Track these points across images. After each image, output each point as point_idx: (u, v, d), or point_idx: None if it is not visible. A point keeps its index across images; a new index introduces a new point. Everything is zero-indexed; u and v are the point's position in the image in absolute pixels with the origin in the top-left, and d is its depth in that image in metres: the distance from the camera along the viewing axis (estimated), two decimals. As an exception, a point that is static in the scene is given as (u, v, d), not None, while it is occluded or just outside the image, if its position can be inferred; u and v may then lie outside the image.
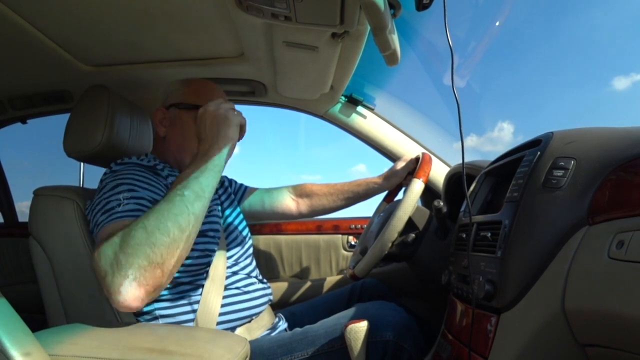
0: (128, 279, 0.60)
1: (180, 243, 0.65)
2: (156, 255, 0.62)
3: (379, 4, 0.59)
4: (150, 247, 0.61)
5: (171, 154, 0.95)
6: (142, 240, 0.62)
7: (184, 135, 0.93)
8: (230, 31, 0.95)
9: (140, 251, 0.61)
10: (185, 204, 0.67)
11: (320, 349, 0.80)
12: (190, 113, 0.92)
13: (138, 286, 0.60)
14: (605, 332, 0.49)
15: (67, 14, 0.87)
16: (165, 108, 0.95)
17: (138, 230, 0.62)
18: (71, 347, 0.55)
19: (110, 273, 0.60)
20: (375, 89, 1.41)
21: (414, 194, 0.89)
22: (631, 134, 0.58)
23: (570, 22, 3.55)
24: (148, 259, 0.61)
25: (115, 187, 0.75)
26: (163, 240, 0.63)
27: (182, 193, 0.68)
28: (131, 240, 0.61)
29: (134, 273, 0.60)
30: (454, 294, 0.79)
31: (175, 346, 0.58)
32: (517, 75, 2.40)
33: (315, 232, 1.55)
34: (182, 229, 0.65)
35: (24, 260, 1.63)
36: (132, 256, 0.60)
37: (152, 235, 0.62)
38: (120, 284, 0.59)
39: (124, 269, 0.60)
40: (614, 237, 0.48)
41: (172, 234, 0.64)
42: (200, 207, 0.69)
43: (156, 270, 0.62)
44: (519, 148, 0.76)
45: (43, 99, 1.28)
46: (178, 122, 0.93)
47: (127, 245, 0.61)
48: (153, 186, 0.79)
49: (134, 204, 0.72)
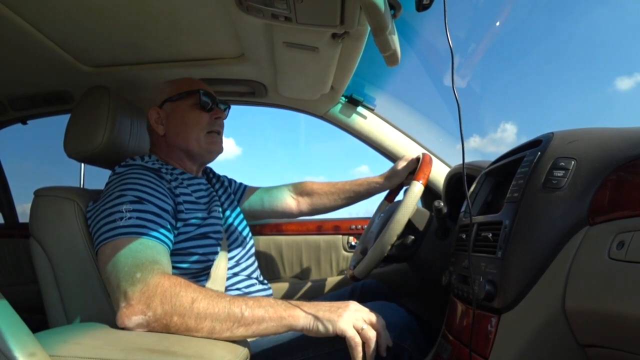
0: (145, 317, 0.63)
1: (201, 335, 0.65)
2: (181, 325, 0.63)
3: (379, 5, 0.59)
4: (184, 317, 0.63)
5: (175, 148, 0.96)
6: (180, 308, 0.63)
7: (184, 122, 0.95)
8: (230, 32, 0.95)
9: (171, 311, 0.63)
10: (238, 320, 0.65)
11: (321, 349, 0.80)
12: (186, 101, 0.95)
13: (147, 323, 0.63)
14: (606, 332, 0.49)
15: (68, 15, 0.87)
16: (158, 107, 0.96)
17: (187, 297, 0.64)
18: (72, 348, 0.55)
19: (132, 298, 0.63)
20: (375, 90, 1.41)
21: (413, 196, 0.89)
22: (631, 134, 0.58)
23: (573, 22, 3.54)
24: (168, 318, 0.63)
25: (119, 196, 0.76)
26: (192, 324, 0.64)
27: (242, 311, 0.65)
28: (174, 299, 0.64)
29: (151, 317, 0.63)
30: (455, 295, 0.79)
31: (177, 346, 0.58)
32: (520, 76, 2.40)
33: (316, 233, 1.55)
34: (217, 332, 0.65)
35: (24, 260, 1.63)
36: (162, 308, 0.63)
37: (190, 315, 0.63)
38: (134, 313, 0.63)
39: (145, 307, 0.63)
40: (615, 238, 0.48)
41: (206, 327, 0.64)
42: (241, 333, 0.66)
43: (164, 330, 0.64)
44: (519, 148, 0.76)
45: (43, 99, 1.28)
46: (176, 112, 0.95)
47: (167, 297, 0.64)
48: (157, 191, 0.80)
49: (136, 218, 0.73)
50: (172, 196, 0.83)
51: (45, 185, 0.88)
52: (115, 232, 0.71)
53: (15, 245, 1.64)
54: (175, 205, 0.83)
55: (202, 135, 0.96)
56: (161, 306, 0.63)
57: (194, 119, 0.95)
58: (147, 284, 0.65)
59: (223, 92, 1.30)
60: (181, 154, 0.97)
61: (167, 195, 0.81)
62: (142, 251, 0.69)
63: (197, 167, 1.01)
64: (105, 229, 0.73)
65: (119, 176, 0.81)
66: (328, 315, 0.68)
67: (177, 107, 0.95)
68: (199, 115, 0.96)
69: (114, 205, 0.75)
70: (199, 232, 0.84)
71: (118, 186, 0.78)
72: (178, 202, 0.83)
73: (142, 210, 0.75)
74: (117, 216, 0.73)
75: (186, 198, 0.87)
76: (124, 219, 0.72)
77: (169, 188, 0.83)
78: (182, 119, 0.95)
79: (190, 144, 0.95)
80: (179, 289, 0.65)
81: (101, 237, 0.73)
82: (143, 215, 0.74)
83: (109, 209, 0.75)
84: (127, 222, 0.72)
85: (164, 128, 0.95)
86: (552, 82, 4.56)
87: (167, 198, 0.81)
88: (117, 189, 0.77)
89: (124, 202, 0.75)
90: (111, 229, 0.72)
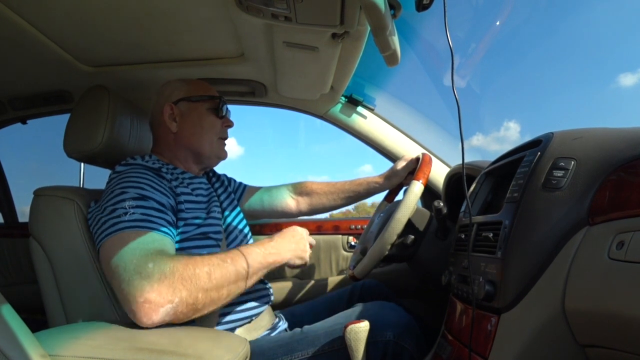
0: (172, 305, 0.63)
1: (221, 303, 0.71)
2: (206, 299, 0.67)
3: (379, 5, 0.59)
4: (200, 291, 0.66)
5: (185, 147, 0.96)
6: (198, 281, 0.66)
7: (202, 124, 0.96)
8: (230, 31, 0.95)
9: (191, 287, 0.65)
10: (244, 277, 0.73)
11: (321, 349, 0.80)
12: (205, 104, 0.97)
13: (174, 311, 0.64)
14: (605, 332, 0.49)
15: (67, 15, 0.87)
16: (172, 103, 0.95)
17: (203, 273, 0.67)
18: (71, 348, 0.55)
19: (152, 290, 0.63)
20: (375, 90, 1.41)
21: (413, 196, 0.89)
22: (631, 134, 0.58)
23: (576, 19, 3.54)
24: (193, 296, 0.65)
25: (121, 193, 0.76)
26: (215, 295, 0.68)
27: (246, 268, 0.74)
28: (193, 278, 0.66)
29: (178, 303, 0.64)
30: (454, 295, 0.79)
31: (176, 346, 0.58)
32: (524, 74, 2.40)
33: (316, 233, 1.55)
34: (231, 294, 0.72)
35: (24, 260, 1.63)
36: (184, 289, 0.64)
37: (211, 287, 0.67)
38: (161, 305, 0.63)
39: (170, 294, 0.63)
40: (614, 238, 0.48)
41: (224, 293, 0.70)
42: (245, 286, 0.75)
43: (190, 312, 0.66)
44: (519, 148, 0.76)
45: (43, 99, 1.28)
46: (193, 113, 0.96)
47: (186, 279, 0.65)
48: (159, 190, 0.79)
49: (141, 214, 0.73)
50: (172, 195, 0.83)
51: (45, 185, 0.88)
52: (120, 226, 0.71)
53: (15, 245, 1.64)
54: (176, 205, 0.83)
55: (215, 140, 0.98)
56: (185, 289, 0.64)
57: (210, 122, 0.97)
58: (163, 272, 0.64)
59: (223, 92, 1.29)
60: (188, 154, 0.97)
61: (169, 194, 0.81)
62: (150, 243, 0.69)
63: (199, 168, 1.01)
64: (108, 224, 0.72)
65: (120, 175, 0.81)
66: (294, 247, 0.87)
67: (195, 108, 0.96)
68: (214, 120, 0.98)
69: (117, 202, 0.74)
70: (199, 232, 0.84)
71: (119, 184, 0.78)
72: (179, 201, 0.83)
73: (146, 207, 0.74)
74: (121, 212, 0.72)
75: (187, 197, 0.87)
76: (128, 214, 0.72)
77: (169, 187, 0.83)
78: (200, 121, 0.96)
79: (203, 147, 0.96)
80: (192, 267, 0.67)
81: (105, 232, 0.72)
82: (147, 211, 0.74)
83: (111, 205, 0.74)
84: (132, 217, 0.72)
85: (177, 125, 0.95)
86: (556, 79, 4.57)
87: (168, 197, 0.81)
88: (119, 186, 0.77)
89: (126, 198, 0.74)
90: (115, 223, 0.71)
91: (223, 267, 0.70)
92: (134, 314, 0.63)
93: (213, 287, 0.67)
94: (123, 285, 0.64)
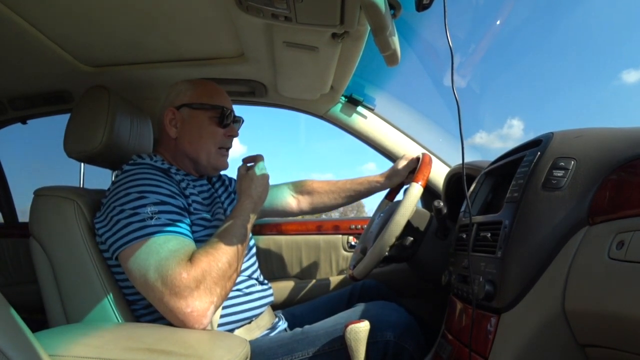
0: (214, 304, 0.72)
1: (239, 272, 0.80)
2: (230, 286, 0.77)
3: (379, 5, 0.59)
4: (227, 280, 0.75)
5: (183, 154, 0.95)
6: (224, 274, 0.74)
7: (200, 133, 0.94)
8: (230, 31, 0.95)
9: (222, 282, 0.73)
10: (243, 246, 0.80)
11: (321, 349, 0.80)
12: (207, 112, 0.94)
13: (215, 309, 0.73)
14: (605, 332, 0.49)
15: (67, 14, 0.87)
16: (175, 108, 0.94)
17: (224, 264, 0.74)
18: (71, 348, 0.55)
19: (194, 299, 0.69)
20: (375, 90, 1.41)
21: (412, 197, 0.89)
22: (631, 134, 0.58)
23: (579, 16, 3.54)
24: (225, 289, 0.75)
25: (139, 197, 0.76)
26: (235, 275, 0.78)
27: (242, 236, 0.80)
28: (220, 273, 0.73)
29: (217, 300, 0.72)
30: (454, 294, 0.79)
31: (176, 347, 0.58)
32: (526, 72, 2.40)
33: (316, 233, 1.55)
34: (240, 264, 0.80)
35: (24, 260, 1.63)
36: (218, 286, 0.72)
37: (232, 272, 0.76)
38: (207, 308, 0.70)
39: (209, 296, 0.71)
40: (614, 238, 0.48)
41: (240, 266, 0.80)
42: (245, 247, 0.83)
43: (225, 299, 0.76)
44: (519, 148, 0.76)
45: (43, 99, 1.28)
46: (193, 121, 0.94)
47: (215, 278, 0.72)
48: (173, 192, 0.80)
49: (166, 219, 0.76)
50: (183, 197, 0.83)
51: (45, 185, 0.88)
52: (147, 230, 0.73)
53: (15, 244, 1.64)
54: (187, 206, 0.83)
55: (213, 150, 0.95)
56: (217, 286, 0.72)
57: (210, 132, 0.94)
58: (197, 279, 0.70)
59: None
60: (187, 160, 0.96)
61: (181, 196, 0.82)
62: (180, 249, 0.73)
63: (199, 174, 1.01)
64: (132, 227, 0.73)
65: (129, 175, 0.80)
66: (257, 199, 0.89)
67: (195, 116, 0.94)
68: (215, 129, 0.95)
69: (137, 207, 0.75)
70: (205, 233, 0.84)
71: (130, 182, 0.78)
72: (188, 202, 0.84)
73: (167, 212, 0.76)
74: (145, 215, 0.74)
75: (195, 199, 0.87)
76: (154, 218, 0.74)
77: (179, 189, 0.84)
78: (199, 130, 0.93)
79: (200, 156, 0.94)
80: (215, 264, 0.73)
81: (130, 235, 0.73)
82: (169, 216, 0.76)
83: (132, 209, 0.75)
84: (158, 222, 0.74)
85: (176, 131, 0.94)
86: (559, 77, 4.57)
87: (181, 198, 0.82)
88: (133, 187, 0.77)
89: (146, 203, 0.75)
90: (140, 227, 0.73)
91: (233, 248, 0.76)
92: (184, 324, 0.69)
93: (234, 270, 0.76)
94: (165, 299, 0.69)
